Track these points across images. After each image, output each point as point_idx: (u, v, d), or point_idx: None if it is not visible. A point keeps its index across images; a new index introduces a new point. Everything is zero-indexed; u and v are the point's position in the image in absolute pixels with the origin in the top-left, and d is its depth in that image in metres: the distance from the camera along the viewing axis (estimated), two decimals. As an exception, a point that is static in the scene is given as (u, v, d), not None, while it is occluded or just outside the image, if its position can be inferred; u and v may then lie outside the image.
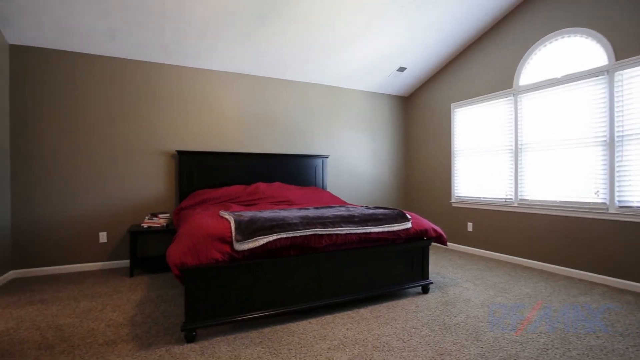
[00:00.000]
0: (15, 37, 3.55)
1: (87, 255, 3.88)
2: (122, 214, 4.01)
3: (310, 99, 5.05)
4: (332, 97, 5.22)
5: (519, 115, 4.07)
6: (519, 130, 4.07)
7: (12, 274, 3.59)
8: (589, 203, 3.39)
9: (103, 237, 3.94)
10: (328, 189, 5.06)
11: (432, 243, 3.13)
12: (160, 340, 2.15)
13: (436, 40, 4.43)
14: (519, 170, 4.06)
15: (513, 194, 4.11)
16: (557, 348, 2.05)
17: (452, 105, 4.96)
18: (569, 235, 3.54)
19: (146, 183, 4.12)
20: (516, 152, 4.08)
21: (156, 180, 4.17)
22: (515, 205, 4.06)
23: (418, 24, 4.06)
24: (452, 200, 4.93)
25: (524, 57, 3.98)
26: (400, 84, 5.42)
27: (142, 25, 3.55)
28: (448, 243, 4.97)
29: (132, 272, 3.62)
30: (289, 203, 3.98)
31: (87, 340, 2.17)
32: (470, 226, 4.65)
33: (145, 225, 3.74)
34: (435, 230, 3.05)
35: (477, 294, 2.98)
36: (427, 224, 3.04)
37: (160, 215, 3.87)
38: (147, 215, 3.90)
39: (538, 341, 2.13)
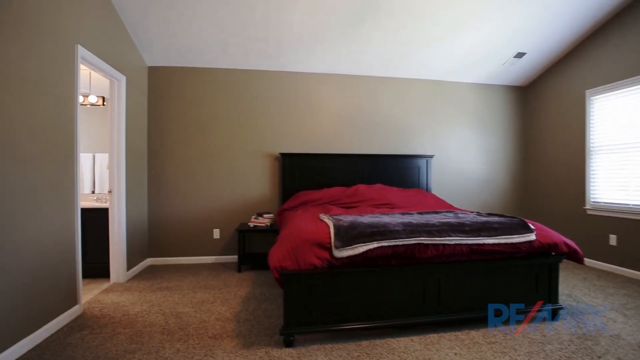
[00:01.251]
0: (151, 60, 4.14)
1: (204, 249, 4.33)
2: (232, 212, 4.36)
3: (412, 96, 4.76)
4: (436, 92, 4.82)
5: (691, 99, 3.13)
6: (691, 119, 3.13)
7: (148, 261, 4.21)
8: None
9: (216, 233, 4.34)
10: (432, 192, 4.69)
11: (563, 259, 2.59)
12: (260, 341, 2.21)
13: (565, 18, 3.70)
14: (691, 171, 3.13)
15: (681, 201, 3.19)
16: None
17: (587, 92, 4.11)
18: None
19: (253, 184, 4.41)
20: (687, 148, 3.15)
21: (262, 182, 4.43)
22: (685, 216, 3.14)
23: (540, 1, 3.45)
24: (587, 207, 4.08)
25: (700, 23, 3.04)
26: (516, 72, 4.73)
27: (249, 36, 3.79)
28: (581, 258, 4.13)
29: (239, 267, 3.89)
30: (390, 206, 3.79)
31: (199, 331, 2.36)
32: (613, 239, 3.78)
33: (251, 224, 3.99)
34: (567, 245, 2.52)
35: (631, 330, 2.35)
36: (557, 236, 2.53)
37: (265, 215, 4.08)
38: (254, 215, 4.15)
39: None
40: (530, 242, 2.44)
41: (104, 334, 2.34)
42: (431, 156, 4.67)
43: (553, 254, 2.55)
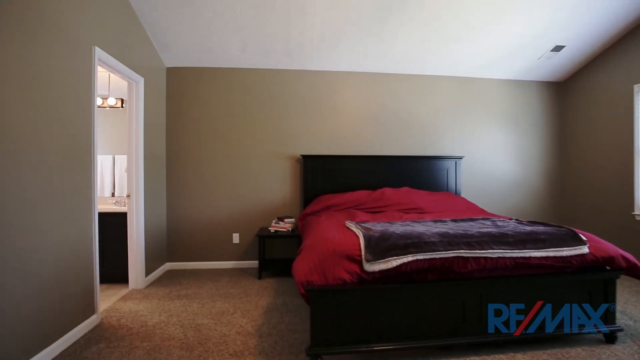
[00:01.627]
0: (170, 60, 4.05)
1: (223, 254, 4.21)
2: (252, 216, 4.22)
3: (441, 94, 4.50)
4: (466, 89, 4.55)
5: None
6: None
7: (167, 265, 4.13)
8: None
9: (236, 238, 4.21)
10: (462, 195, 4.42)
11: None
12: (285, 360, 2.05)
13: (609, 6, 3.38)
14: None
15: None
16: None
17: (636, 87, 3.76)
18: None
19: (274, 187, 4.26)
20: None
21: (283, 185, 4.27)
22: None
23: (588, -13, 3.16)
24: (637, 212, 3.74)
25: None
26: (552, 67, 4.40)
27: (269, 35, 3.64)
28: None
29: (260, 274, 3.74)
30: (419, 211, 3.57)
31: (219, 347, 2.21)
32: (667, 249, 3.44)
33: (272, 229, 3.84)
34: (626, 259, 2.25)
35: (703, 356, 2.07)
36: (613, 249, 2.26)
37: (286, 220, 3.91)
38: (274, 219, 4.00)
39: None
40: (582, 255, 2.18)
41: (121, 348, 2.22)
42: (460, 157, 4.41)
43: (608, 268, 2.28)
